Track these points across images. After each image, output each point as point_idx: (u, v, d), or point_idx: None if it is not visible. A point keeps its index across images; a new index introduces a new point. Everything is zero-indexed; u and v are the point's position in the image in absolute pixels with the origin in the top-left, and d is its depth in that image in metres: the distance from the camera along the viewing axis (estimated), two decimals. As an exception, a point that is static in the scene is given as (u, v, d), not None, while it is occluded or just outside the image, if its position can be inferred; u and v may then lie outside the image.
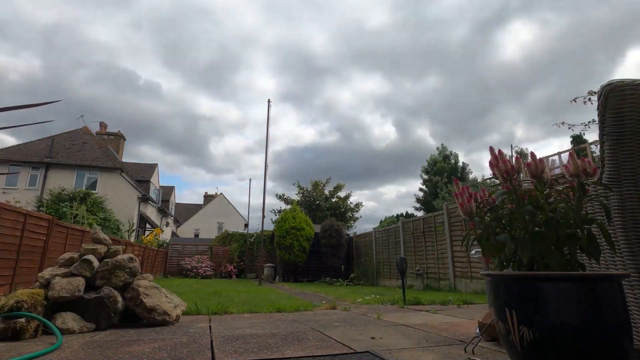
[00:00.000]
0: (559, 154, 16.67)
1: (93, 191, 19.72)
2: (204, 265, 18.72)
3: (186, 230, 39.97)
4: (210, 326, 3.20)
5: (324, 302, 5.69)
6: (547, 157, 16.65)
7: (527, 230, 1.48)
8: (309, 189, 30.35)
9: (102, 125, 28.55)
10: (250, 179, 56.93)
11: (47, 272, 3.13)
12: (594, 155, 13.86)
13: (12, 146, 21.79)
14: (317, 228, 16.51)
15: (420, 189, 34.64)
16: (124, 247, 10.11)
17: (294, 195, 30.55)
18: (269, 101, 15.04)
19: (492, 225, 1.62)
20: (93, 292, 3.11)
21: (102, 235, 3.56)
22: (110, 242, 3.61)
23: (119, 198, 20.43)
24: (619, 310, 1.26)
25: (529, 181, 1.59)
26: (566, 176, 1.54)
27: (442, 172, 32.34)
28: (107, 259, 3.34)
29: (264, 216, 14.58)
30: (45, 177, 20.58)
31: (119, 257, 3.40)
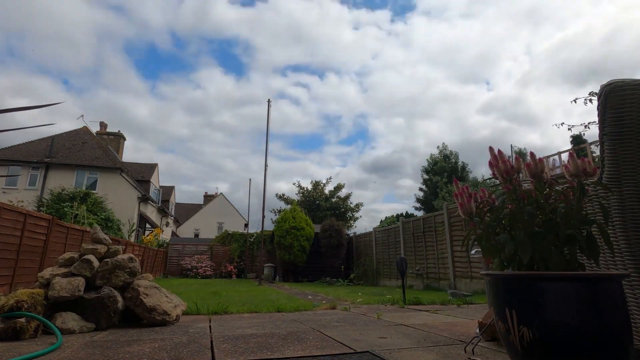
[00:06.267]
0: (559, 154, 16.68)
1: (93, 191, 19.72)
2: (204, 265, 18.72)
3: (186, 230, 39.98)
4: (210, 326, 3.20)
5: (324, 302, 5.69)
6: (547, 157, 16.66)
7: (527, 230, 1.48)
8: (309, 189, 30.34)
9: (102, 125, 28.56)
10: (250, 179, 56.82)
11: (47, 272, 3.13)
12: (594, 155, 13.86)
13: (12, 146, 21.79)
14: (317, 228, 16.51)
15: (420, 189, 34.66)
16: (124, 247, 10.11)
17: (293, 195, 30.55)
18: (269, 101, 15.05)
19: (492, 225, 1.62)
20: (93, 292, 3.11)
21: (102, 235, 3.56)
22: (110, 242, 3.61)
23: (119, 198, 20.44)
24: (619, 310, 1.26)
25: (529, 181, 1.59)
26: (566, 176, 1.54)
27: (442, 171, 32.34)
28: (107, 259, 3.33)
29: (264, 216, 14.59)
30: (45, 177, 20.58)
31: (119, 257, 3.40)
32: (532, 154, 1.62)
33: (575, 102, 5.31)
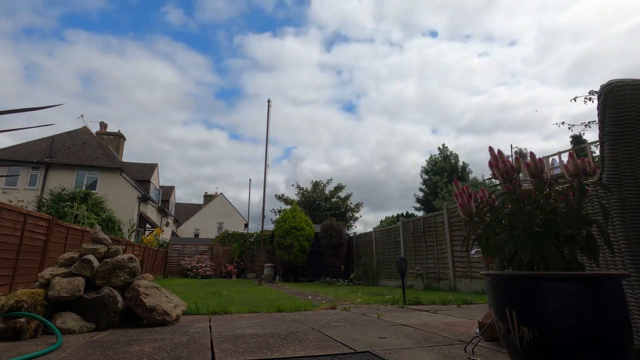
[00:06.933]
0: (559, 154, 16.65)
1: (93, 191, 19.72)
2: (204, 265, 18.72)
3: (186, 230, 39.96)
4: (210, 326, 3.20)
5: (324, 302, 5.70)
6: (547, 157, 16.64)
7: (527, 230, 1.48)
8: (309, 189, 30.36)
9: (102, 125, 28.55)
10: (250, 179, 56.78)
11: (47, 272, 3.13)
12: (594, 155, 13.85)
13: (12, 146, 21.78)
14: (317, 228, 16.50)
15: (420, 189, 34.64)
16: (124, 247, 10.11)
17: (293, 195, 30.57)
18: (268, 101, 15.05)
19: (492, 225, 1.62)
20: (93, 292, 3.11)
21: (102, 235, 3.56)
22: (110, 242, 3.61)
23: (119, 198, 20.43)
24: (619, 310, 1.26)
25: (529, 181, 1.59)
26: (566, 176, 1.54)
27: (442, 172, 32.34)
28: (107, 259, 3.34)
29: (263, 216, 14.59)
30: (45, 177, 20.57)
31: (119, 257, 3.40)
32: (532, 154, 1.62)
33: (575, 100, 5.28)
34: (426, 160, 34.89)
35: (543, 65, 60.88)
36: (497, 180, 1.63)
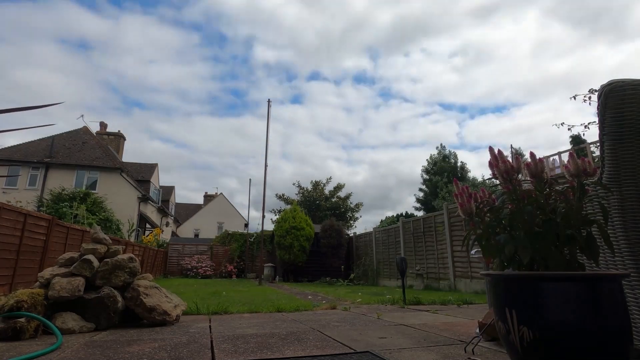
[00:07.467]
0: (559, 154, 16.66)
1: (93, 191, 19.73)
2: (204, 265, 18.72)
3: (186, 230, 39.97)
4: (210, 326, 3.20)
5: (324, 302, 5.70)
6: (547, 157, 16.65)
7: (527, 230, 1.48)
8: (309, 189, 30.34)
9: (102, 125, 28.56)
10: (250, 179, 56.67)
11: (47, 272, 3.13)
12: (594, 155, 13.86)
13: (12, 146, 21.79)
14: (317, 228, 16.50)
15: (420, 189, 34.63)
16: (124, 247, 10.10)
17: (294, 195, 30.55)
18: (268, 101, 15.05)
19: (492, 225, 1.62)
20: (93, 292, 3.11)
21: (102, 235, 3.55)
22: (110, 242, 3.61)
23: (119, 198, 20.44)
24: (619, 310, 1.26)
25: (529, 181, 1.59)
26: (566, 176, 1.54)
27: (442, 172, 32.33)
28: (107, 259, 3.34)
29: (263, 216, 14.59)
30: (45, 177, 20.58)
31: (119, 257, 3.40)
32: (532, 154, 1.62)
33: (575, 98, 5.28)
34: (427, 159, 34.87)
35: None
36: (497, 180, 1.63)
